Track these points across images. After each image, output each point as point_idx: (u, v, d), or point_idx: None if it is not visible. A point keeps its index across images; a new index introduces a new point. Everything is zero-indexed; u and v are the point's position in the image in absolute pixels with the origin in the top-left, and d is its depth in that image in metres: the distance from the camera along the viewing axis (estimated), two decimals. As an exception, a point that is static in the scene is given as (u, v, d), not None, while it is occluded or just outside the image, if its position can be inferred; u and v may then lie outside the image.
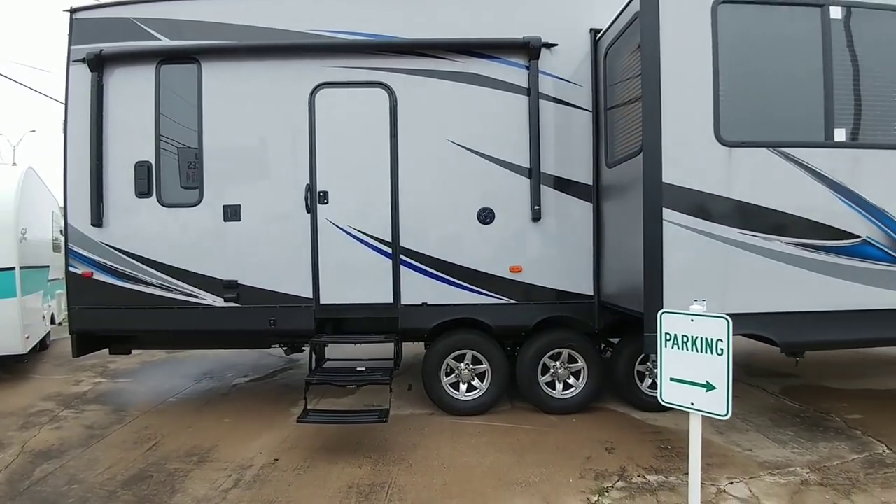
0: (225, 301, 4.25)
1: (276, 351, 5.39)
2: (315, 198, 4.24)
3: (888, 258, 3.43)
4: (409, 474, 3.36)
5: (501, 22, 4.18)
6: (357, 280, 4.28)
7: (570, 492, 3.11)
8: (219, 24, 4.19)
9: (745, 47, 3.35)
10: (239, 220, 4.24)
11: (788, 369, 5.76)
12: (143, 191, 4.22)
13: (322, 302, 4.27)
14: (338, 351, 5.21)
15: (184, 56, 4.22)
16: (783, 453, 3.62)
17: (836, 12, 3.38)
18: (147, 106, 4.22)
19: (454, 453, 3.66)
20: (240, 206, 4.23)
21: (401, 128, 4.22)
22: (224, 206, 4.23)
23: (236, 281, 4.25)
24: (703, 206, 3.32)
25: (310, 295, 4.26)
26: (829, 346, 3.75)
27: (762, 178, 3.37)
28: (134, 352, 5.20)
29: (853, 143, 3.42)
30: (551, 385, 4.44)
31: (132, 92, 4.24)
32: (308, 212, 4.23)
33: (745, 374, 5.58)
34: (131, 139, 4.24)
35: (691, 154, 3.31)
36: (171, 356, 6.86)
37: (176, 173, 4.28)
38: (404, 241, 4.24)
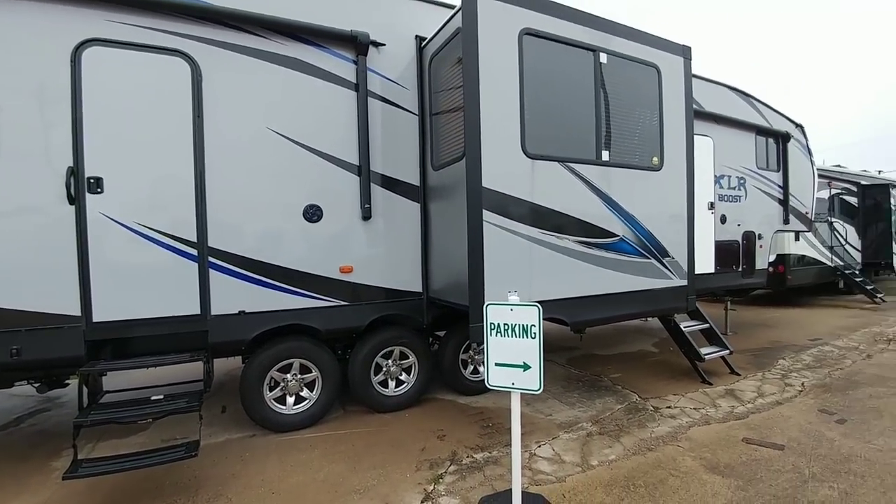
0: (-76, 329, 2.96)
1: (23, 389, 4.02)
2: (82, 185, 3.29)
3: (636, 252, 4.48)
4: (228, 510, 2.91)
5: (330, 11, 3.96)
6: (149, 289, 3.48)
7: (408, 486, 3.15)
8: None
9: (543, 75, 3.91)
10: (-49, 212, 3.00)
11: (571, 343, 7.07)
12: None
13: (96, 319, 3.34)
14: (121, 380, 4.20)
15: None
16: (573, 413, 4.39)
17: (603, 57, 4.24)
18: None
19: (283, 474, 3.33)
20: (-50, 193, 3.00)
21: (207, 107, 3.60)
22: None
23: (-54, 299, 2.99)
24: (514, 208, 3.76)
25: (77, 312, 3.29)
26: (603, 322, 4.71)
27: (555, 187, 4.00)
28: None
29: (613, 162, 4.35)
30: (384, 384, 4.44)
31: None
32: (72, 203, 3.27)
33: (545, 350, 6.60)
34: None
35: (505, 163, 3.71)
36: None
37: None
38: (214, 241, 3.65)
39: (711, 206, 6.53)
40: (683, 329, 5.32)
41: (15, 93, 3.15)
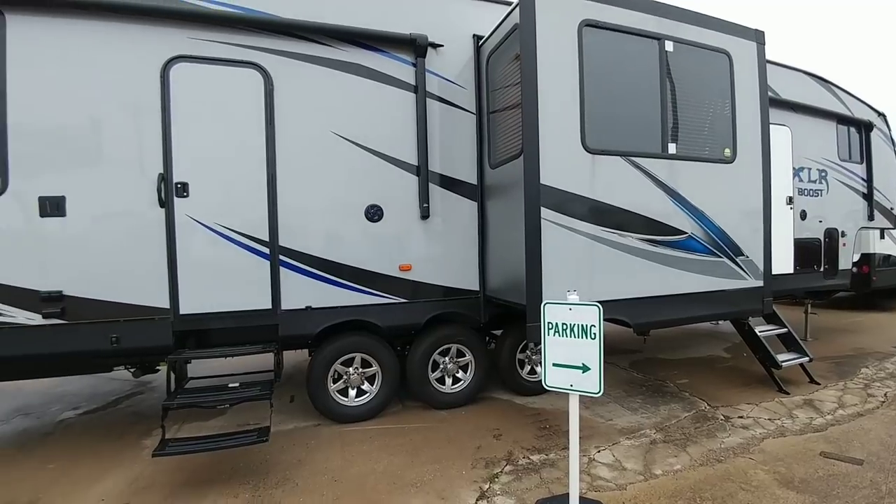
0: (44, 318, 3.38)
1: (121, 373, 4.49)
2: (171, 190, 3.63)
3: (706, 250, 4.22)
4: (296, 494, 3.08)
5: (389, 16, 4.08)
6: (227, 285, 3.76)
7: (463, 483, 3.18)
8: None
9: (604, 67, 3.79)
10: (63, 215, 3.40)
11: (634, 346, 6.78)
12: None
13: (182, 312, 3.67)
14: (204, 367, 4.57)
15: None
16: (635, 419, 4.22)
17: (669, 45, 4.03)
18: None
19: (344, 464, 3.47)
20: (64, 198, 3.40)
21: (279, 115, 3.84)
22: (41, 199, 3.36)
23: (60, 292, 3.41)
24: (574, 205, 3.67)
25: (166, 305, 3.63)
26: (669, 325, 4.48)
27: (617, 183, 3.86)
28: None
29: (681, 155, 4.12)
30: (441, 381, 4.50)
31: None
32: (162, 206, 3.60)
33: (604, 352, 6.40)
34: None
35: (564, 159, 3.63)
36: (-42, 393, 5.26)
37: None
38: (284, 241, 3.88)
39: (790, 200, 6.00)
40: (759, 333, 4.93)
41: (115, 107, 3.53)
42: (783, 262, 5.90)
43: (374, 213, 4.09)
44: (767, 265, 4.54)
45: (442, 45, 4.23)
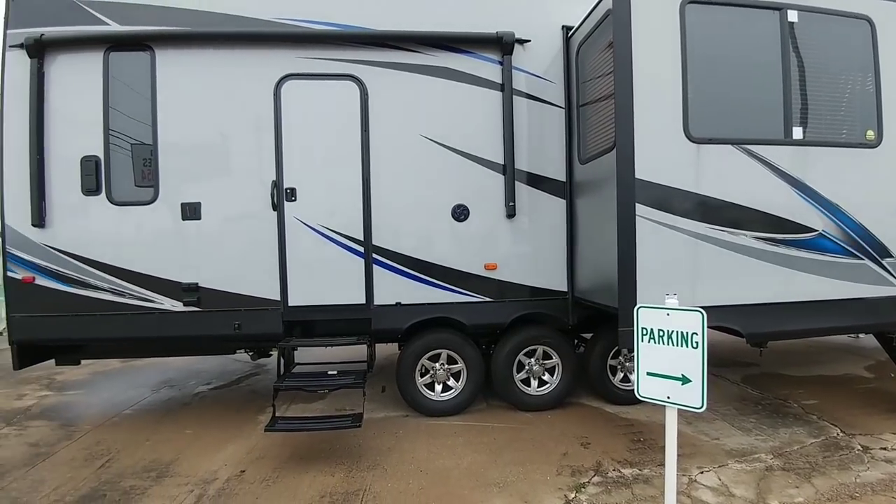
0: (184, 305, 4.00)
1: (242, 356, 5.14)
2: (282, 195, 4.06)
3: (842, 251, 3.60)
4: (384, 480, 3.26)
5: (474, 16, 4.12)
6: (328, 280, 4.11)
7: (548, 489, 3.10)
8: (175, 8, 3.92)
9: (712, 47, 3.43)
10: (199, 218, 4.00)
11: (748, 358, 6.02)
12: (90, 188, 3.91)
13: (290, 304, 4.09)
14: (307, 354, 5.03)
15: (135, 43, 3.93)
16: (748, 440, 3.75)
17: (792, 15, 3.52)
18: (94, 96, 3.90)
19: (430, 456, 3.59)
20: (199, 203, 3.99)
21: (372, 122, 4.09)
22: (183, 205, 3.98)
23: (197, 284, 4.01)
24: (674, 201, 3.38)
25: (277, 297, 4.07)
26: (791, 336, 3.93)
27: (727, 174, 3.47)
28: (85, 361, 4.82)
29: (809, 140, 3.57)
30: (526, 382, 4.44)
31: (77, 81, 3.90)
32: (274, 209, 4.04)
33: (709, 363, 5.78)
34: (77, 132, 3.90)
35: (662, 150, 3.36)
36: (127, 365, 6.43)
37: (127, 169, 3.98)
38: (377, 240, 4.13)
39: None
40: (916, 352, 4.08)
41: (239, 124, 4.05)
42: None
43: (460, 213, 4.16)
44: (928, 269, 3.74)
45: (529, 41, 4.16)
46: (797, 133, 3.53)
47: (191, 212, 3.98)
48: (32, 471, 3.51)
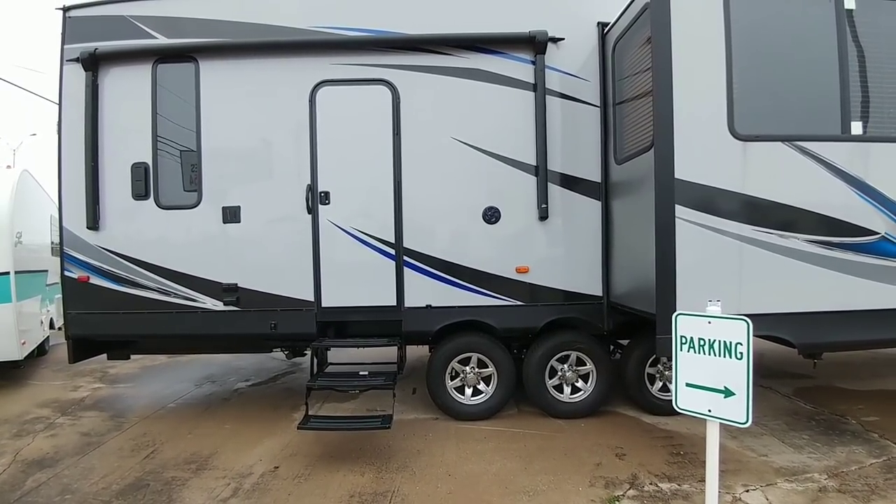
0: (224, 304, 4.16)
1: (279, 354, 5.29)
2: (316, 198, 4.14)
3: (909, 256, 3.31)
4: (413, 482, 3.26)
5: (506, 16, 4.07)
6: (360, 282, 4.17)
7: (580, 501, 3.00)
8: (217, 21, 4.10)
9: (759, 38, 3.24)
10: (238, 221, 4.14)
11: (800, 370, 5.63)
12: (140, 193, 4.14)
13: (324, 305, 4.17)
14: (340, 355, 5.12)
15: (181, 55, 4.13)
16: (799, 458, 3.50)
17: (850, 2, 3.27)
18: (143, 106, 4.13)
19: (459, 460, 3.56)
20: (239, 207, 4.14)
21: (404, 125, 4.11)
22: (223, 208, 4.14)
23: (236, 284, 4.15)
24: (717, 202, 3.21)
25: (311, 298, 4.16)
26: (848, 347, 3.64)
27: (777, 173, 3.26)
28: (135, 356, 5.12)
29: (871, 136, 3.31)
30: (559, 388, 4.33)
31: (128, 92, 4.15)
32: (309, 213, 4.14)
33: (757, 374, 5.46)
34: (127, 140, 4.15)
35: (704, 149, 3.19)
36: (174, 360, 6.77)
37: (174, 175, 4.19)
38: (408, 242, 4.14)
39: None
40: None
41: (277, 130, 4.17)
42: None
43: (491, 215, 4.12)
44: None
45: (563, 39, 4.07)
46: (856, 128, 3.28)
47: (231, 215, 4.13)
48: (83, 459, 3.74)
